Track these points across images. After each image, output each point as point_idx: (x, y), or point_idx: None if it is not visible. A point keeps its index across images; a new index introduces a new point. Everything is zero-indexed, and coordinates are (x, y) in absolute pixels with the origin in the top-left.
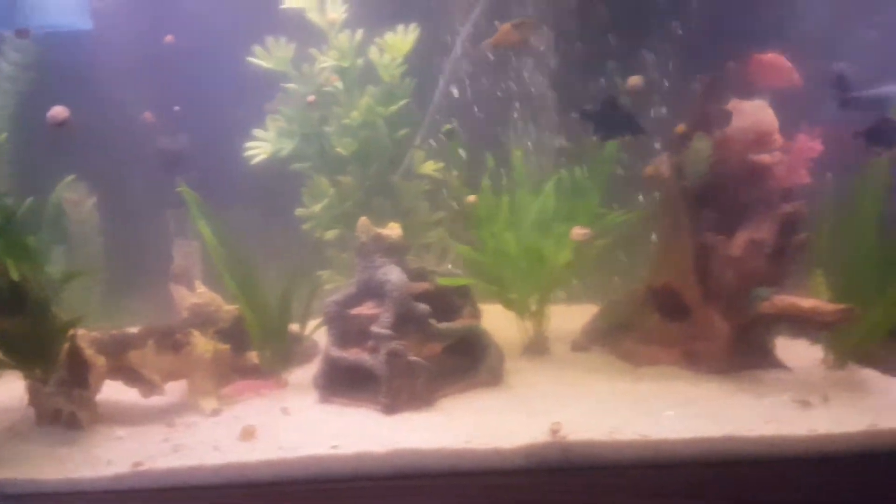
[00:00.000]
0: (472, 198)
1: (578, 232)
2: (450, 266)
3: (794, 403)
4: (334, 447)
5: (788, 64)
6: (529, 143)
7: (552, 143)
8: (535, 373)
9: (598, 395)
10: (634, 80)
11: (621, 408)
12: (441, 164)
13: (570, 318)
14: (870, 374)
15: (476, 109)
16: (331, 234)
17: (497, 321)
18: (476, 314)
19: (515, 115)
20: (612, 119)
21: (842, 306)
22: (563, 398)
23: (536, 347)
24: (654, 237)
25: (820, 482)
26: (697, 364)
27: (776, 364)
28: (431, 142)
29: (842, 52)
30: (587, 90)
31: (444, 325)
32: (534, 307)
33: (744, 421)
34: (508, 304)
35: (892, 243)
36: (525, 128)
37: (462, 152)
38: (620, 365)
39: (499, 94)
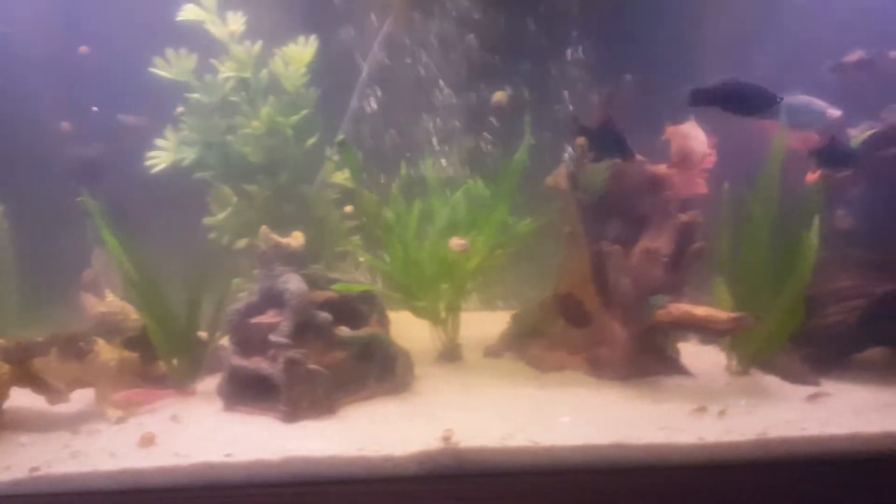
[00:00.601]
0: None
1: (457, 243)
2: (356, 274)
3: (689, 410)
4: (227, 455)
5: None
6: (442, 152)
7: (464, 152)
8: (444, 380)
9: (500, 401)
10: (499, 96)
11: (520, 414)
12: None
13: (489, 324)
14: (771, 381)
15: (390, 119)
16: (242, 243)
17: (413, 328)
18: (384, 322)
19: (429, 124)
20: (607, 140)
21: (734, 315)
22: (465, 405)
23: (449, 354)
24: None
25: (709, 490)
26: (600, 370)
27: (680, 370)
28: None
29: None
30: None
31: (347, 334)
32: (445, 314)
33: (636, 428)
34: (417, 312)
35: (786, 252)
36: (438, 137)
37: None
38: (528, 371)
39: (412, 103)
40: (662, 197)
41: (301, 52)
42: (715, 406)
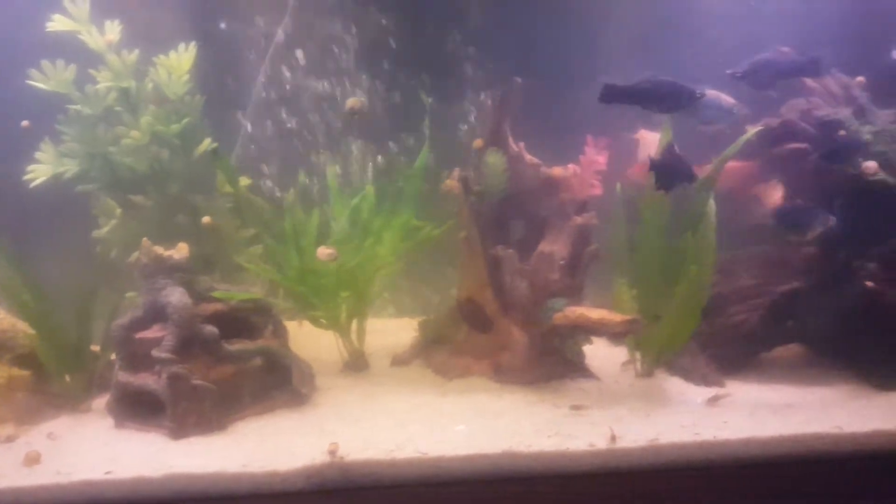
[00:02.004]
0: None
1: (323, 252)
2: (256, 285)
3: (586, 415)
4: (108, 472)
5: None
6: (344, 159)
7: (368, 158)
8: (346, 391)
9: (399, 411)
10: (352, 102)
11: (416, 424)
12: (249, 181)
13: (404, 331)
14: (674, 383)
15: (291, 126)
16: (134, 256)
17: (321, 339)
18: (280, 333)
19: (330, 132)
20: (673, 168)
21: (627, 317)
22: (362, 416)
23: (355, 364)
24: None
25: (600, 498)
26: (503, 375)
27: (584, 373)
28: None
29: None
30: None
31: (236, 347)
32: (348, 323)
33: (529, 435)
34: (317, 322)
35: (677, 255)
36: (340, 144)
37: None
38: (433, 379)
39: (312, 112)
40: (560, 199)
41: (180, 59)
42: (619, 410)
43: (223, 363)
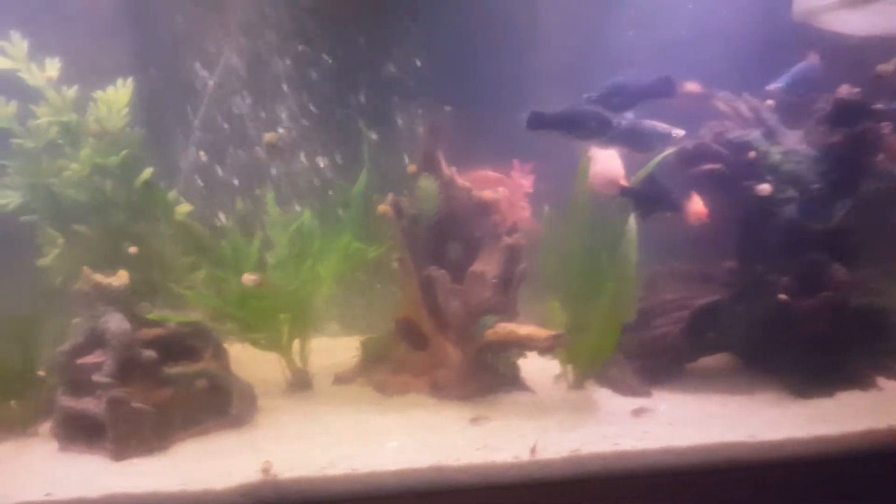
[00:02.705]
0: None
1: (248, 278)
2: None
3: (511, 427)
4: (48, 494)
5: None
6: (283, 182)
7: (307, 181)
8: (287, 411)
9: (337, 429)
10: (270, 137)
11: (352, 441)
12: (190, 208)
13: (350, 350)
14: (603, 394)
15: (230, 153)
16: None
17: (264, 360)
18: (220, 356)
19: (272, 155)
20: (652, 195)
21: (552, 333)
22: (301, 435)
23: (298, 384)
24: None
25: None
26: (440, 391)
27: (519, 386)
28: None
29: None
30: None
31: (175, 370)
32: (289, 344)
33: (459, 448)
34: (258, 344)
35: (600, 271)
36: (280, 168)
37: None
38: (374, 396)
39: (253, 137)
40: (492, 221)
41: (118, 94)
42: (545, 422)
43: (163, 386)
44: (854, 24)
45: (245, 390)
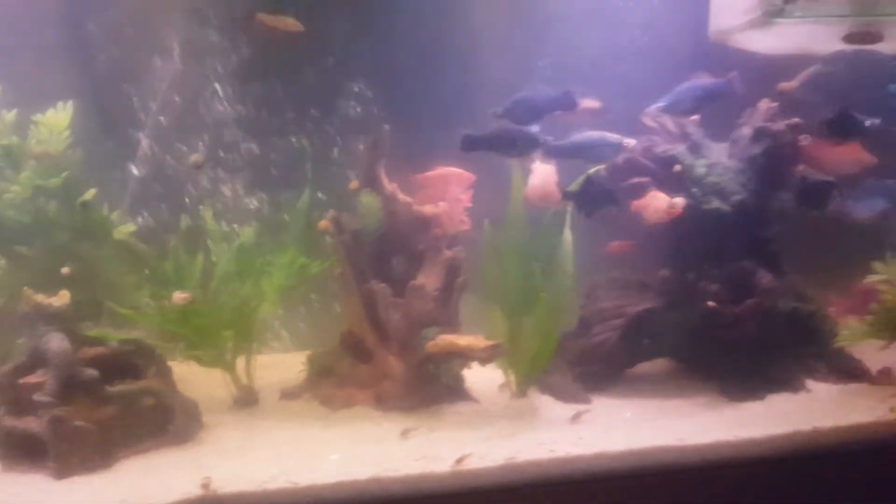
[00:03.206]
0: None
1: (179, 296)
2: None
3: (451, 437)
4: None
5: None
6: (225, 200)
7: (249, 199)
8: (233, 426)
9: (280, 443)
10: (196, 158)
11: (294, 455)
12: (134, 227)
13: (296, 365)
14: (544, 401)
15: (172, 169)
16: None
17: (211, 377)
18: (164, 373)
19: (212, 174)
20: (592, 195)
21: (490, 343)
22: (244, 450)
23: (245, 400)
24: None
25: None
26: (385, 403)
27: (464, 396)
28: None
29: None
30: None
31: (117, 389)
32: (234, 361)
33: (399, 459)
34: (201, 362)
35: (534, 281)
36: (221, 185)
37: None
38: (320, 410)
39: (195, 154)
40: (433, 234)
41: (58, 117)
42: (489, 431)
43: (105, 405)
44: (761, 43)
45: (190, 407)
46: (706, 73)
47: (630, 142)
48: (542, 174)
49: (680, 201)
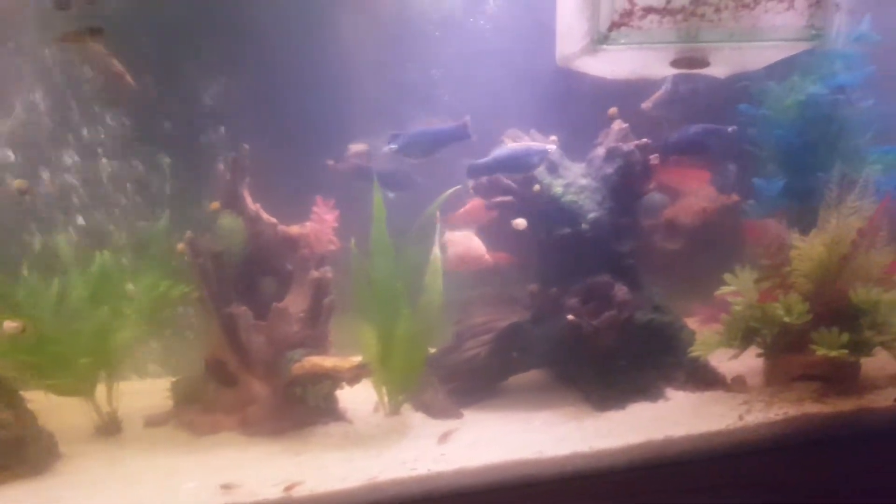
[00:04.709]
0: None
1: (9, 325)
2: None
3: (319, 459)
4: None
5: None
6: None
7: (103, 223)
8: (91, 456)
9: (138, 473)
10: (19, 183)
11: (151, 484)
12: None
13: (164, 392)
14: (416, 419)
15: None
16: None
17: (74, 406)
18: (16, 405)
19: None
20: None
21: (356, 363)
22: (98, 480)
23: (107, 428)
24: None
25: None
26: (251, 428)
27: (337, 418)
28: None
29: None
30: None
31: None
32: (92, 388)
33: (255, 485)
34: (56, 390)
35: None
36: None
37: None
38: (184, 437)
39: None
40: (301, 255)
41: None
42: (354, 453)
43: None
44: (599, 68)
45: (46, 439)
46: (440, 117)
47: (552, 144)
48: (459, 243)
49: (521, 222)
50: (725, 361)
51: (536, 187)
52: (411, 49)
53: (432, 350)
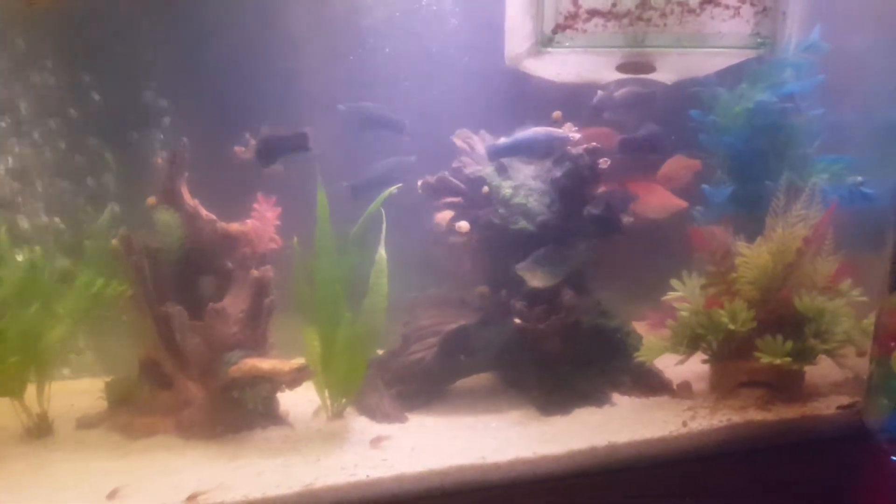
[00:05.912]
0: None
1: None
2: None
3: (255, 465)
4: None
5: None
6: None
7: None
8: (17, 459)
9: (62, 477)
10: None
11: (74, 489)
12: None
13: (99, 392)
14: (360, 423)
15: None
16: None
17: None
18: None
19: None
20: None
21: (295, 366)
22: (20, 486)
23: (37, 430)
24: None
25: None
26: (187, 431)
27: (277, 421)
28: None
29: None
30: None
31: None
32: (21, 388)
33: (189, 490)
34: None
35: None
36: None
37: None
38: (118, 440)
39: None
40: (241, 253)
41: None
42: (287, 457)
43: None
44: (546, 70)
45: None
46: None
47: (575, 134)
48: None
49: (464, 225)
50: (672, 367)
51: (485, 189)
52: (357, 45)
53: (380, 352)
